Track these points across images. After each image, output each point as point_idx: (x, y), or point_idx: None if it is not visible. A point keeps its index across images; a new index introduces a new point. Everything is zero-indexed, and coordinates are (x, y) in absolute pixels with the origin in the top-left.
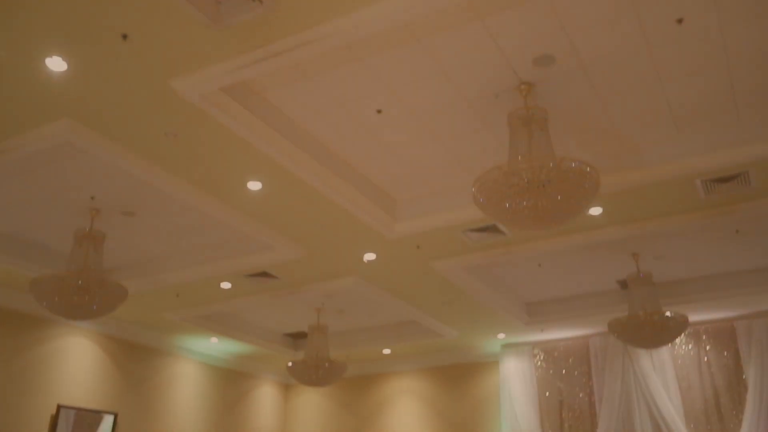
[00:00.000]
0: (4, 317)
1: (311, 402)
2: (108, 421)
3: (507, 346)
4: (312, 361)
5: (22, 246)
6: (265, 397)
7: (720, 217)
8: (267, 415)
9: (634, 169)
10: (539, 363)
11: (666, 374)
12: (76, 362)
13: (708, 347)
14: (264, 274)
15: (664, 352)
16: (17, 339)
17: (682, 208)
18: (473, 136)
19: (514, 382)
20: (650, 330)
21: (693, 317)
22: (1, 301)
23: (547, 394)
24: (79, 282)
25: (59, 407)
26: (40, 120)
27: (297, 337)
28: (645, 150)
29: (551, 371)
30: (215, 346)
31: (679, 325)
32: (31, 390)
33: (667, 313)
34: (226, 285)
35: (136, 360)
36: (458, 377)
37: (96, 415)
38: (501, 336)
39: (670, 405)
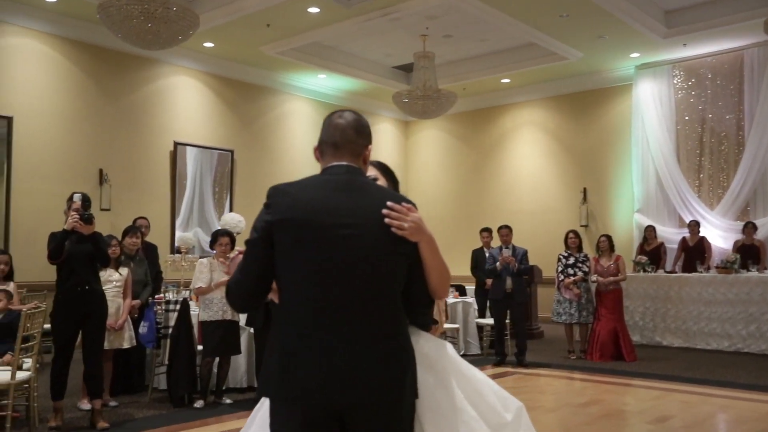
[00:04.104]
0: (107, 56)
1: (431, 137)
2: (225, 157)
3: (642, 67)
4: (419, 91)
5: None
6: (384, 133)
7: None
8: (387, 152)
9: None
10: (679, 84)
11: None
12: (186, 101)
13: None
14: None
15: None
16: (125, 78)
17: None
18: None
19: (649, 107)
20: None
21: None
22: (100, 40)
23: (687, 118)
24: (145, 6)
25: (176, 144)
26: None
27: (407, 70)
28: None
29: (693, 92)
30: (324, 82)
31: None
32: (147, 127)
33: None
34: (314, 10)
35: (246, 99)
36: (584, 105)
37: (213, 152)
38: (634, 55)
39: None
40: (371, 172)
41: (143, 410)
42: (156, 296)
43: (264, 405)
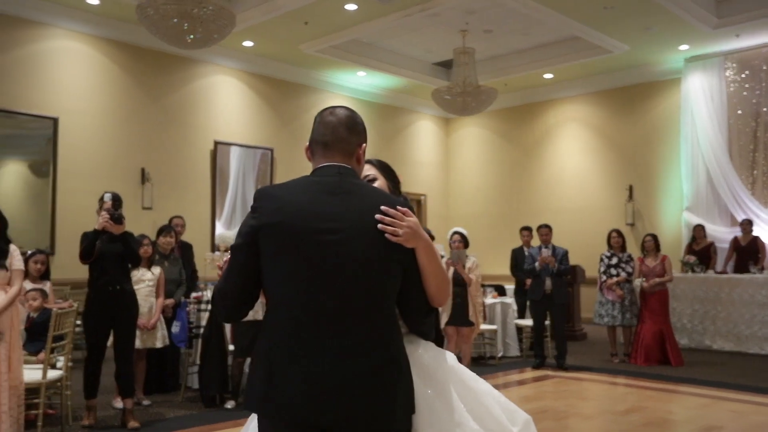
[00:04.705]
0: (149, 57)
1: (472, 134)
2: (266, 156)
3: (691, 60)
4: (458, 88)
5: None
6: (425, 130)
7: None
8: (428, 149)
9: None
10: (731, 76)
11: None
12: (226, 100)
13: None
14: None
15: None
16: (166, 78)
17: None
18: None
19: (699, 102)
20: None
21: None
22: (141, 41)
23: (740, 112)
24: (181, 7)
25: (216, 143)
26: None
27: (448, 66)
28: None
29: (747, 85)
30: (364, 80)
31: None
32: (188, 126)
33: None
34: (351, 6)
35: (286, 97)
36: (631, 100)
37: (256, 151)
38: (683, 47)
39: None
40: (370, 171)
41: (175, 410)
42: (193, 295)
43: (254, 418)
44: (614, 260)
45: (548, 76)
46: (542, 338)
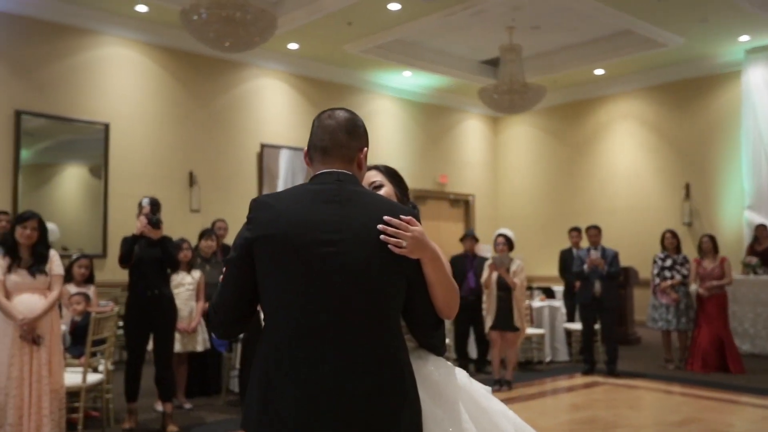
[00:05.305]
0: (196, 61)
1: (521, 134)
2: None
3: (752, 51)
4: (505, 86)
5: None
6: (473, 130)
7: None
8: (475, 148)
9: None
10: None
11: None
12: (272, 103)
13: None
14: None
15: None
16: (213, 82)
17: None
18: None
19: (761, 95)
20: None
21: None
22: (188, 46)
23: None
24: (223, 11)
25: (262, 146)
26: None
27: (495, 64)
28: None
29: None
30: (410, 80)
31: None
32: (235, 129)
33: None
34: (394, 6)
35: (332, 98)
36: (687, 95)
37: (301, 153)
38: (743, 39)
39: None
40: (376, 177)
41: (215, 414)
42: None
43: None
44: (668, 262)
45: (599, 72)
46: (592, 343)
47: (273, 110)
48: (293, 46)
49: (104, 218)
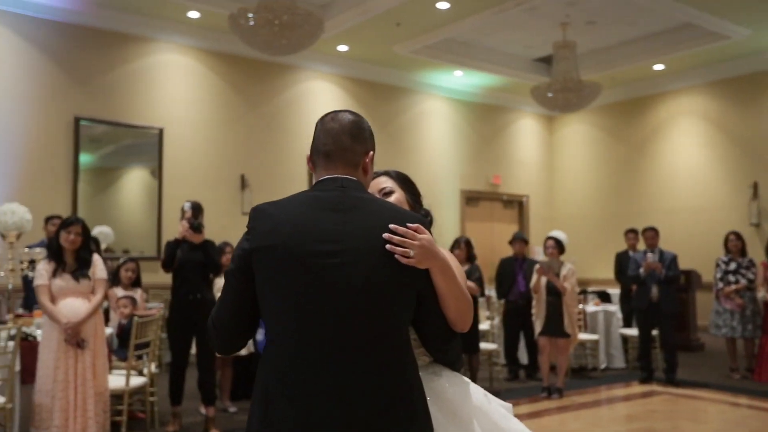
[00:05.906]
0: (247, 65)
1: (578, 132)
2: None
3: None
4: (558, 84)
5: None
6: (527, 129)
7: None
8: (530, 148)
9: None
10: None
11: None
12: (323, 105)
13: None
14: None
15: None
16: (264, 85)
17: None
18: None
19: None
20: None
21: None
22: (239, 50)
23: None
24: (271, 15)
25: None
26: None
27: (549, 62)
28: None
29: None
30: (461, 80)
31: None
32: (285, 132)
33: None
34: (443, 5)
35: (382, 100)
36: (754, 89)
37: None
38: None
39: None
40: (387, 183)
41: None
42: None
43: None
44: (732, 266)
45: (658, 67)
46: (649, 350)
47: (324, 113)
48: (343, 48)
49: (158, 221)
